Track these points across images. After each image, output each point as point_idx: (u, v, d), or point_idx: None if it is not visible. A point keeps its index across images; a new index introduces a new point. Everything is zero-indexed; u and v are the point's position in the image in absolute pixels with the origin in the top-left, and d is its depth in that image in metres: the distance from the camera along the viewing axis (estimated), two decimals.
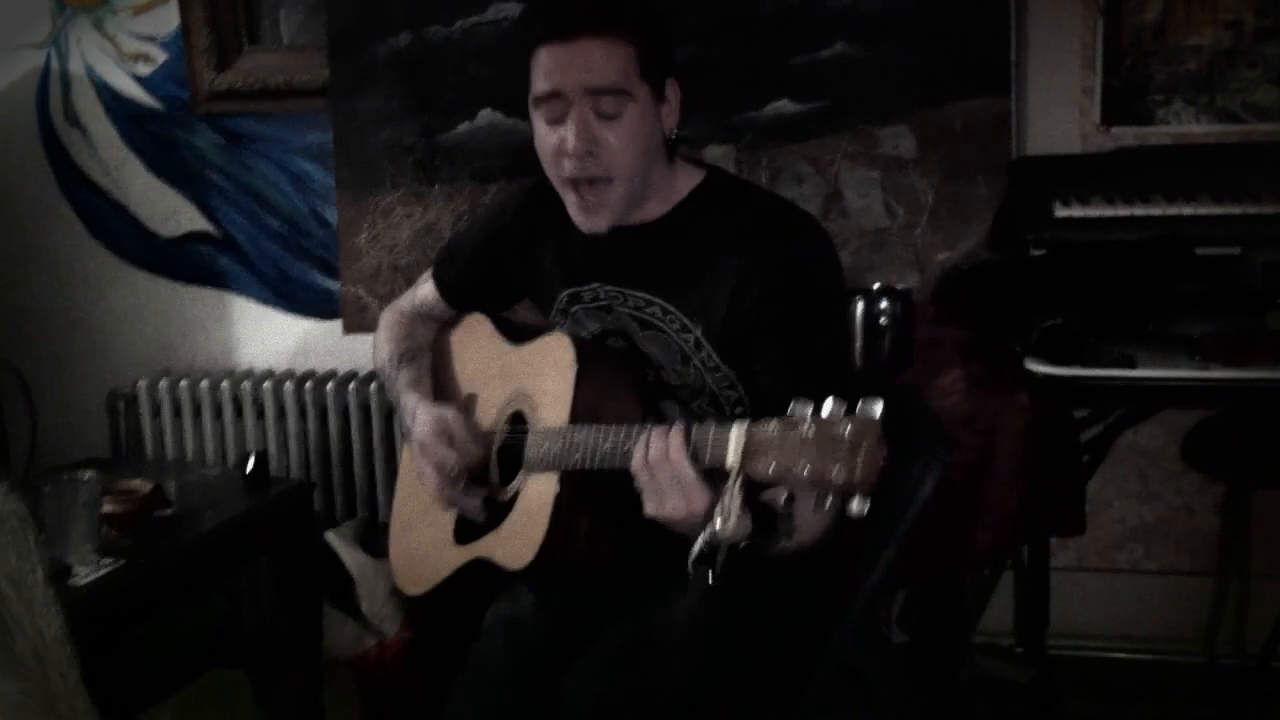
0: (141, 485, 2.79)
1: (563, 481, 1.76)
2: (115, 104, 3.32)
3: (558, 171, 1.86)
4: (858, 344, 2.58)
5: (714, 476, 1.53)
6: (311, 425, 3.24)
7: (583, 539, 1.76)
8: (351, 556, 3.03)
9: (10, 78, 3.34)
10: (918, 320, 2.66)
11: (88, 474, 2.71)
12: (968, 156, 2.90)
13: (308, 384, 3.25)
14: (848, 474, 1.37)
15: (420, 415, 2.01)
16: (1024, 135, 2.95)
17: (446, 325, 2.21)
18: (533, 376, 1.92)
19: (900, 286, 2.68)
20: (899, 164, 2.94)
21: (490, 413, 2.02)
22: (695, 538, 1.52)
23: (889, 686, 2.21)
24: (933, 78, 2.89)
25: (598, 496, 1.73)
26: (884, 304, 2.61)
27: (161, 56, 3.28)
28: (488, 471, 1.98)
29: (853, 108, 2.92)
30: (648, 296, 1.88)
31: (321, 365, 3.34)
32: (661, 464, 1.55)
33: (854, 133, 2.93)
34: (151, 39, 3.28)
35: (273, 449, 3.22)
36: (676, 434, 1.55)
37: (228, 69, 3.23)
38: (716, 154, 2.93)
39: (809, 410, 1.41)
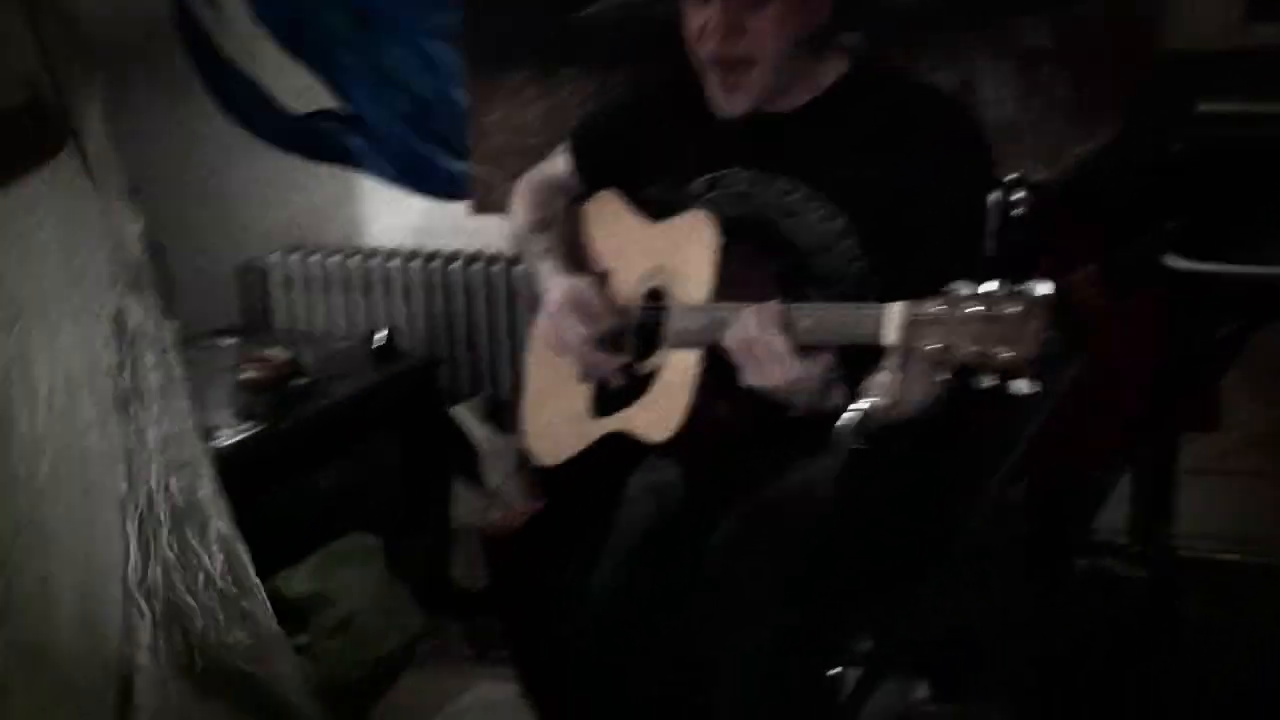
0: (278, 354, 2.89)
1: (705, 357, 1.80)
2: None
3: (701, 51, 1.86)
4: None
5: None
6: (437, 303, 3.31)
7: (724, 411, 1.80)
8: (478, 431, 3.11)
9: None
10: (1051, 214, 2.64)
11: (229, 340, 2.81)
12: (1107, 50, 2.84)
13: (433, 263, 3.31)
14: (1013, 353, 1.38)
15: (555, 285, 2.05)
16: (1166, 29, 2.88)
17: (578, 199, 2.23)
18: (672, 253, 1.94)
19: (1034, 179, 2.66)
20: (1036, 56, 2.88)
21: (626, 288, 2.05)
22: (805, 405, 1.65)
23: (1009, 572, 2.25)
24: None
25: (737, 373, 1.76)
26: (1018, 196, 2.59)
27: None
28: (623, 347, 2.02)
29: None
30: (790, 184, 1.89)
31: (446, 245, 3.39)
32: (757, 341, 1.62)
33: (991, 24, 2.88)
34: None
35: (400, 325, 3.30)
36: (772, 310, 1.62)
37: None
38: (849, 42, 2.89)
39: (973, 289, 1.43)
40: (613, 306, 2.01)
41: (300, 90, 3.39)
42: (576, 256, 2.16)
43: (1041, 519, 2.73)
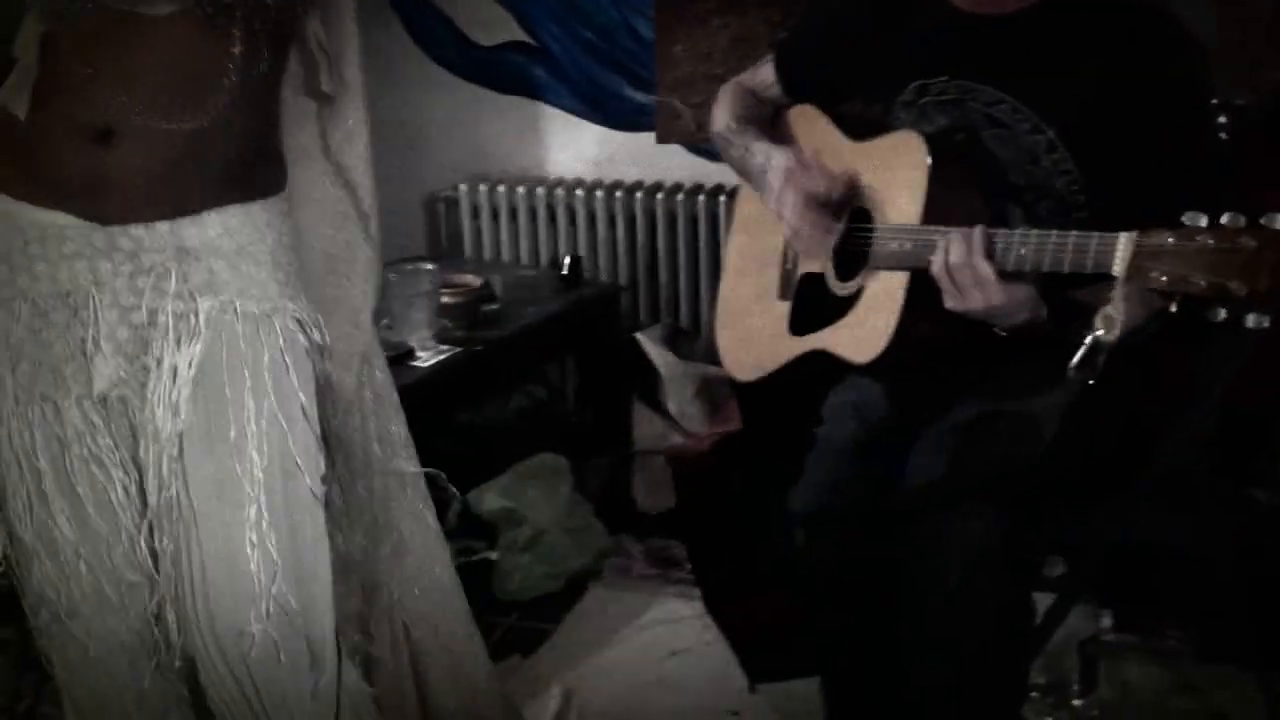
0: (471, 280, 2.98)
1: (912, 278, 1.81)
2: None
3: None
4: None
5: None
6: (620, 232, 3.37)
7: (929, 333, 1.82)
8: (660, 356, 3.17)
9: None
10: (1251, 139, 2.58)
11: (429, 265, 2.91)
12: None
13: (617, 193, 3.36)
14: (1250, 286, 1.38)
15: (775, 155, 2.06)
16: None
17: (779, 112, 2.24)
18: (878, 172, 1.95)
19: (1237, 101, 2.60)
20: None
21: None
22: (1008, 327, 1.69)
23: (1195, 501, 2.23)
24: None
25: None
26: (1222, 119, 2.53)
27: None
28: (839, 217, 2.03)
29: None
30: (1000, 94, 1.87)
31: (628, 175, 3.44)
32: (963, 268, 1.64)
33: None
34: None
35: (581, 254, 3.36)
36: (979, 236, 1.65)
37: None
38: None
39: (1206, 220, 1.42)
40: (834, 174, 2.03)
41: (489, 22, 3.46)
42: None
43: (1231, 450, 2.70)
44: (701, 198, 3.28)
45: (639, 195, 3.34)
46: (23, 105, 1.59)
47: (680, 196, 3.29)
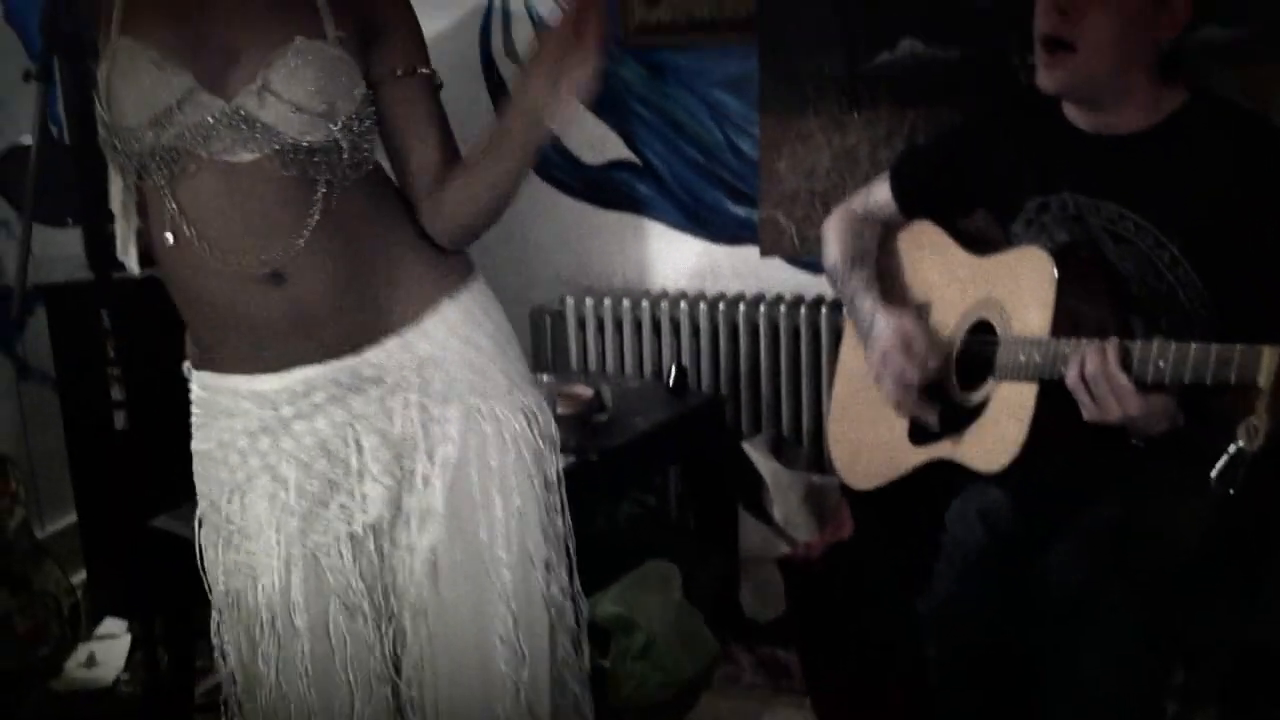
0: (583, 391, 3.05)
1: (1042, 388, 1.86)
2: None
3: (1038, 28, 1.94)
4: None
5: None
6: (723, 343, 3.43)
7: (1059, 443, 1.86)
8: (766, 465, 3.21)
9: (456, 15, 3.63)
10: None
11: (547, 377, 2.98)
12: None
13: (720, 304, 3.44)
14: None
15: (880, 322, 2.12)
16: None
17: (892, 230, 2.30)
18: (1004, 285, 2.00)
19: None
20: None
21: (949, 319, 2.12)
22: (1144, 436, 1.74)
23: None
24: None
25: (1074, 403, 1.81)
26: None
27: None
28: (944, 376, 2.09)
29: None
30: (1122, 210, 1.93)
31: (729, 288, 3.51)
32: (1100, 379, 1.70)
33: None
34: None
35: (686, 365, 3.42)
36: (1114, 347, 1.70)
37: (657, 3, 3.41)
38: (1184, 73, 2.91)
39: None
40: (936, 343, 2.08)
41: (595, 142, 3.57)
42: (893, 289, 2.25)
43: None
44: (803, 309, 3.34)
45: (741, 307, 3.40)
46: (133, 261, 1.71)
47: (782, 308, 3.36)
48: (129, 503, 2.74)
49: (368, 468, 1.69)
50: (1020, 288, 1.95)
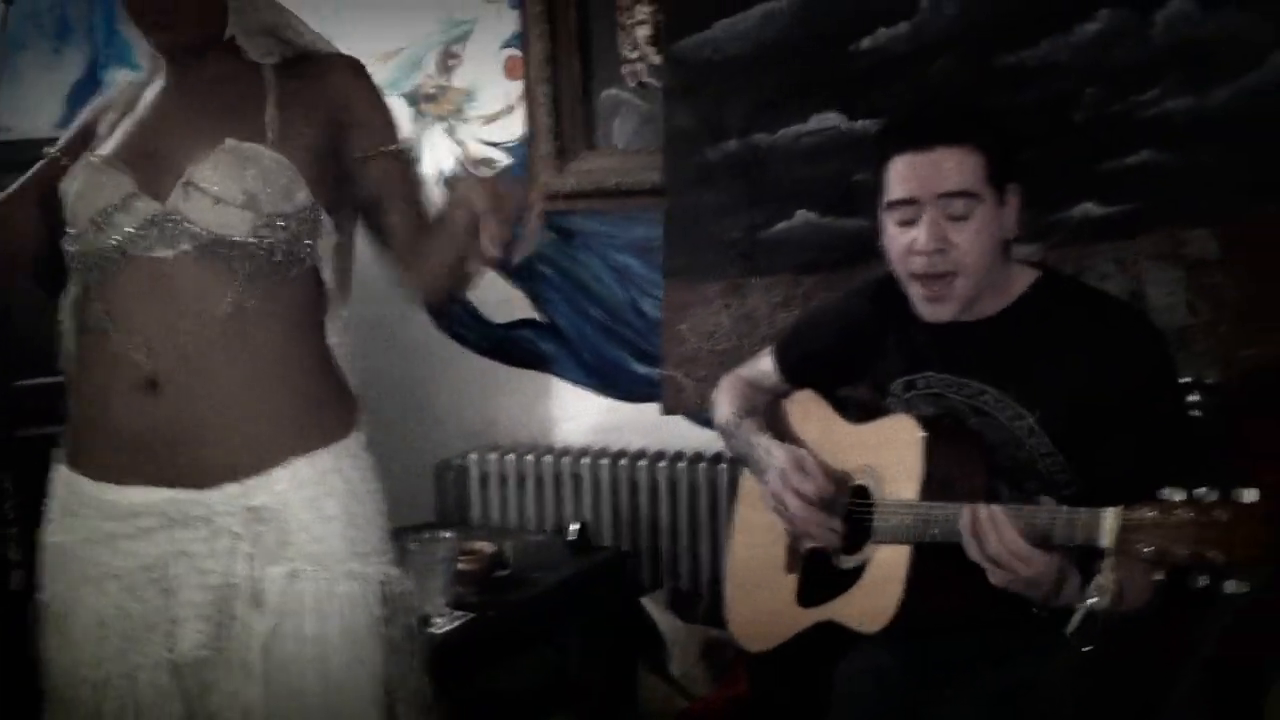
0: (485, 547, 3.08)
1: (916, 551, 1.93)
2: None
3: (906, 267, 2.04)
4: None
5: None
6: (624, 499, 3.49)
7: (936, 603, 1.92)
8: (665, 620, 3.25)
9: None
10: (1227, 415, 2.73)
11: (447, 534, 3.01)
12: (1274, 258, 2.96)
13: (622, 460, 3.50)
14: (1227, 555, 1.51)
15: (776, 450, 2.19)
16: None
17: (777, 399, 2.40)
18: (877, 452, 2.09)
19: (1208, 380, 2.76)
20: (1204, 265, 3.01)
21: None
22: (1042, 600, 1.77)
23: None
24: (1239, 185, 2.97)
25: (950, 565, 1.88)
26: (1195, 398, 2.69)
27: (506, 160, 3.64)
28: (837, 513, 2.15)
29: (1159, 211, 3.02)
30: (982, 385, 2.04)
31: (632, 444, 3.58)
32: (993, 539, 1.76)
33: (1159, 234, 3.03)
34: (497, 145, 3.64)
35: (589, 520, 3.47)
36: (999, 511, 1.76)
37: (566, 171, 3.56)
38: (1025, 252, 3.05)
39: (1184, 495, 1.56)
40: (831, 473, 2.15)
41: (503, 301, 3.66)
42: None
43: (1229, 707, 2.76)
44: (703, 465, 3.42)
45: (643, 463, 3.47)
46: (71, 362, 1.75)
47: (683, 465, 3.43)
48: (22, 665, 2.70)
49: (186, 606, 1.69)
50: (892, 454, 2.04)
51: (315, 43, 1.89)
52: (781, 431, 2.31)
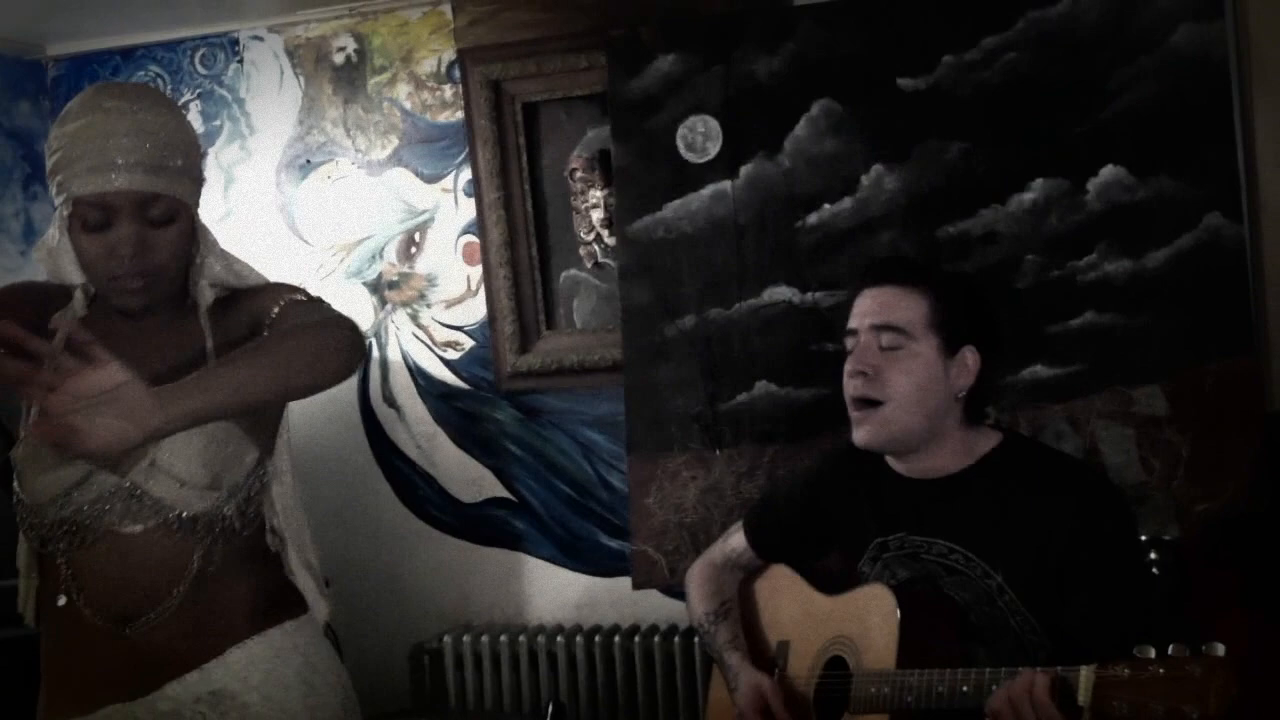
0: None
1: (893, 718, 1.96)
2: (427, 385, 3.77)
3: (847, 391, 2.13)
4: None
5: None
6: (600, 675, 3.49)
7: None
8: None
9: None
10: (1185, 568, 2.80)
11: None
12: (1221, 413, 3.07)
13: (596, 636, 3.51)
14: (1201, 709, 1.56)
15: (742, 680, 2.24)
16: (1275, 391, 3.10)
17: (751, 575, 2.44)
18: (852, 623, 2.13)
19: (1165, 538, 2.84)
20: (1153, 421, 3.12)
21: (806, 658, 2.23)
22: None
23: None
24: (1181, 341, 3.09)
25: None
26: (1153, 555, 2.76)
27: (469, 343, 3.73)
28: (805, 715, 2.19)
29: (1106, 371, 3.14)
30: (951, 545, 2.09)
31: (606, 619, 3.60)
32: (1025, 706, 1.76)
33: (1108, 393, 3.14)
34: (460, 328, 3.74)
35: (564, 698, 3.47)
36: (1043, 679, 1.75)
37: (528, 351, 3.65)
38: (993, 416, 3.15)
39: (1156, 653, 1.61)
40: (793, 698, 2.19)
41: (471, 481, 3.71)
42: (755, 631, 2.36)
43: None
44: (677, 639, 3.43)
45: (617, 638, 3.48)
46: (29, 612, 1.78)
47: (657, 639, 3.45)
48: None
49: None
50: (868, 624, 2.08)
51: (252, 279, 1.91)
52: (756, 616, 2.35)
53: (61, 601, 1.73)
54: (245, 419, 1.76)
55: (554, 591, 3.68)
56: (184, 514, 1.71)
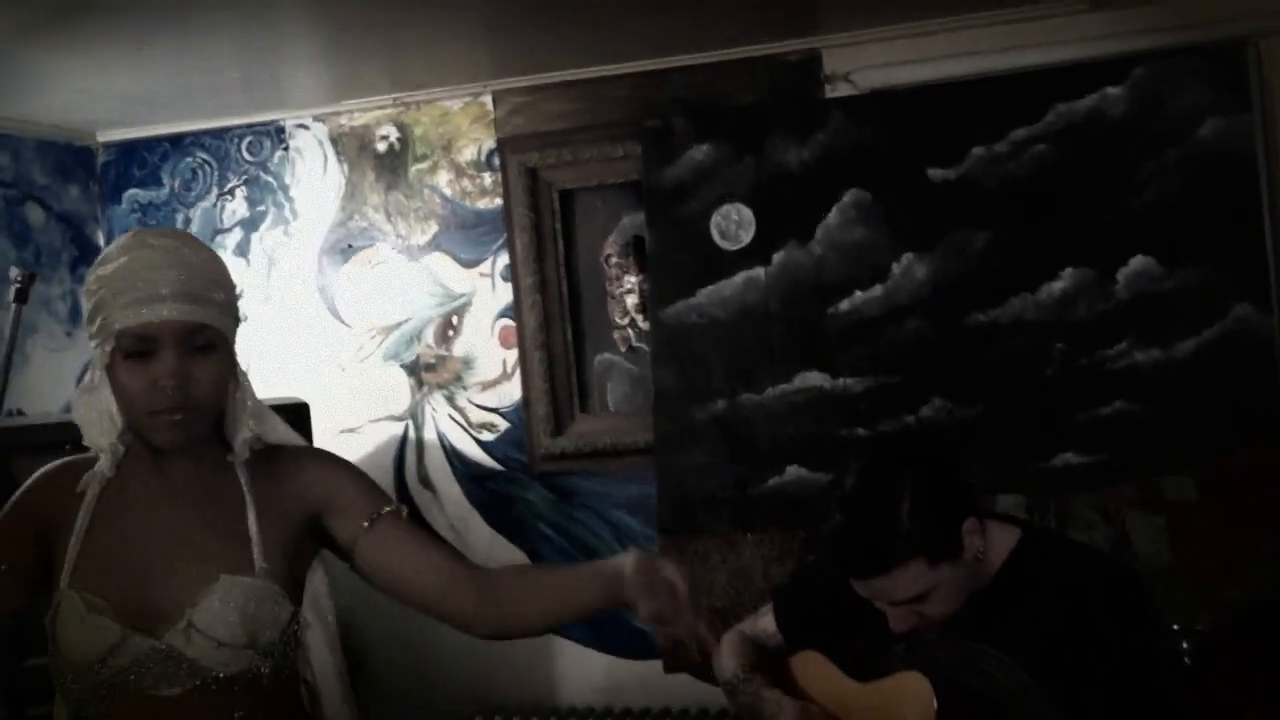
0: None
1: None
2: (462, 466, 3.83)
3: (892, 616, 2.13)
4: None
5: None
6: None
7: None
8: None
9: (374, 444, 3.87)
10: (1218, 659, 2.79)
11: None
12: (1251, 499, 3.07)
13: None
14: None
15: (787, 705, 2.23)
16: None
17: (780, 660, 2.43)
18: (886, 711, 2.13)
19: (1197, 627, 2.82)
20: (1183, 509, 3.12)
21: None
22: None
23: None
24: (1211, 429, 3.10)
25: None
26: (1184, 644, 2.75)
27: (504, 425, 3.79)
28: None
29: (1134, 459, 3.15)
30: (981, 647, 2.09)
31: (637, 702, 3.60)
32: None
33: (1137, 482, 3.14)
34: (496, 410, 3.79)
35: None
36: None
37: (561, 434, 3.69)
38: (1008, 503, 3.17)
39: None
40: None
41: (503, 563, 3.72)
42: None
43: None
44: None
45: None
46: None
47: None
48: None
49: None
50: (902, 713, 2.08)
51: (285, 436, 1.95)
52: (787, 691, 2.35)
53: None
54: (285, 577, 1.80)
55: (584, 673, 3.69)
56: (221, 675, 1.73)
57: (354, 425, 3.89)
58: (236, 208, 4.05)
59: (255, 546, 1.77)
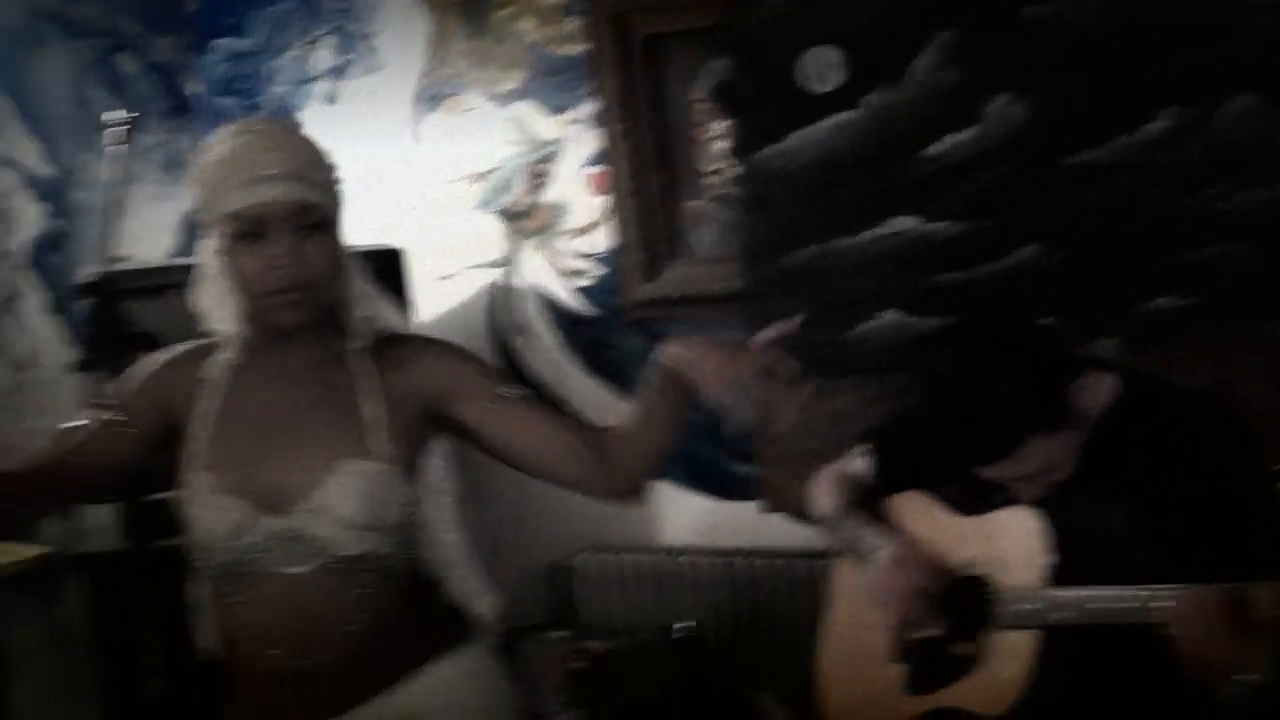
0: (596, 646, 3.20)
1: (1041, 635, 2.04)
2: (555, 313, 3.88)
3: None
4: None
5: None
6: (728, 597, 3.58)
7: (1060, 687, 2.02)
8: (777, 717, 3.33)
9: (468, 293, 3.93)
10: None
11: (563, 633, 3.14)
12: None
13: (725, 559, 3.60)
14: None
15: (886, 540, 2.28)
16: None
17: (876, 497, 2.46)
18: (997, 542, 2.19)
19: None
20: None
21: None
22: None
23: None
24: None
25: (1076, 648, 1.99)
26: None
27: (597, 270, 3.82)
28: (942, 615, 2.25)
29: (1236, 301, 3.12)
30: (1081, 483, 2.13)
31: (734, 542, 3.68)
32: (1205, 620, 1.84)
33: (1239, 324, 3.12)
34: (589, 256, 3.83)
35: (693, 618, 3.56)
36: (1218, 594, 1.83)
37: (654, 279, 3.73)
38: (1107, 346, 3.17)
39: None
40: (941, 562, 2.25)
41: (601, 408, 3.79)
42: None
43: None
44: (804, 562, 3.50)
45: (746, 561, 3.58)
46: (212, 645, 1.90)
47: (784, 562, 3.53)
48: None
49: None
50: (1012, 544, 2.14)
51: (397, 324, 2.00)
52: (887, 526, 2.40)
53: (231, 642, 1.86)
54: (404, 461, 1.86)
55: (684, 515, 3.77)
56: (345, 554, 1.80)
57: (449, 273, 3.95)
58: (324, 56, 4.06)
59: (376, 431, 1.84)
